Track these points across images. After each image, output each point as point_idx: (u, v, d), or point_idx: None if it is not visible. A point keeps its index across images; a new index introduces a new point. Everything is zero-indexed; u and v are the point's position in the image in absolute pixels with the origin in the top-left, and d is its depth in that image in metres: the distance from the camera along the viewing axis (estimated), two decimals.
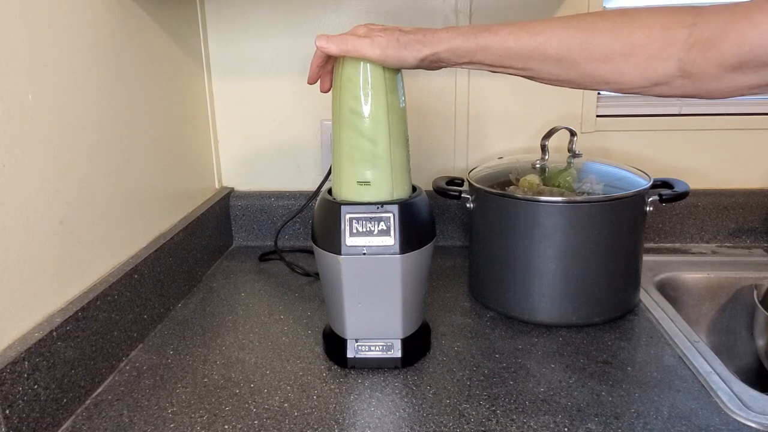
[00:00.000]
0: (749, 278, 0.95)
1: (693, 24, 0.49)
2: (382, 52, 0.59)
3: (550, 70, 0.56)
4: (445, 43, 0.58)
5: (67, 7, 0.65)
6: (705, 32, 0.48)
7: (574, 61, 0.54)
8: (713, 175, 1.08)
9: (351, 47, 0.60)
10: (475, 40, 0.57)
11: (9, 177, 0.56)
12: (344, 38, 0.60)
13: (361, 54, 0.60)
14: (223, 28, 1.05)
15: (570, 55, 0.54)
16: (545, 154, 0.86)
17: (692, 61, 0.49)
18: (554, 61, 0.55)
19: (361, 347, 0.69)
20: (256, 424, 0.60)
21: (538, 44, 0.55)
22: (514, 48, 0.56)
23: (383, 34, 0.59)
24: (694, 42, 0.49)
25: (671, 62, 0.50)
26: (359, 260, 0.64)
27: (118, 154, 0.75)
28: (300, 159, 1.11)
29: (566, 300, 0.78)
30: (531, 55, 0.56)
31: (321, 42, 0.61)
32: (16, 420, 0.54)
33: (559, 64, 0.55)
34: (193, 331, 0.80)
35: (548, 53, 0.55)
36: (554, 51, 0.54)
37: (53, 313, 0.62)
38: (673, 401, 0.63)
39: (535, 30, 0.55)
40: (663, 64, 0.51)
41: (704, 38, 0.48)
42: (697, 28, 0.49)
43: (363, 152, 0.64)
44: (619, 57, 0.52)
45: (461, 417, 0.61)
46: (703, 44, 0.48)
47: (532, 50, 0.55)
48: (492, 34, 0.57)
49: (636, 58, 0.51)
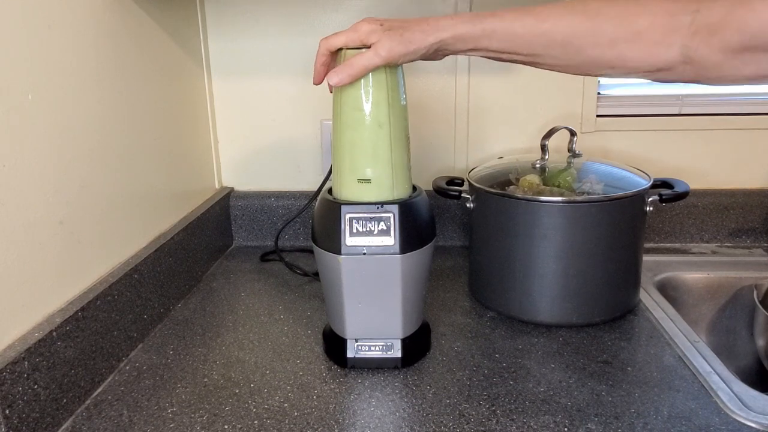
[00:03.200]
0: (749, 278, 0.95)
1: (696, 11, 0.50)
2: (387, 54, 0.58)
3: (555, 55, 0.56)
4: (450, 30, 0.58)
5: (67, 7, 0.65)
6: (707, 19, 0.49)
7: (580, 47, 0.54)
8: (713, 175, 1.08)
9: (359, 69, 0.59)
10: (480, 25, 0.57)
11: (9, 177, 0.56)
12: (350, 64, 0.59)
13: (370, 69, 0.60)
14: (223, 28, 1.05)
15: (576, 41, 0.54)
16: (545, 154, 0.86)
17: (695, 47, 0.50)
18: (560, 46, 0.55)
19: (361, 347, 0.69)
20: (256, 424, 0.60)
21: (544, 29, 0.55)
22: (520, 33, 0.56)
23: (385, 36, 0.59)
24: (697, 29, 0.49)
25: (675, 48, 0.51)
26: (359, 260, 0.64)
27: (118, 154, 0.75)
28: (300, 159, 1.11)
29: (566, 300, 0.78)
30: (537, 40, 0.56)
31: (334, 80, 0.60)
32: (16, 420, 0.54)
33: (564, 49, 0.55)
34: (193, 331, 0.80)
35: (555, 38, 0.55)
36: (561, 36, 0.55)
37: (53, 313, 0.62)
38: (673, 401, 0.63)
39: (542, 15, 0.55)
40: (667, 51, 0.51)
41: (707, 25, 0.49)
42: (700, 15, 0.49)
43: (363, 150, 0.64)
44: (623, 43, 0.52)
45: (461, 417, 0.61)
46: (705, 31, 0.49)
47: (539, 35, 0.55)
48: (497, 18, 0.56)
49: (640, 45, 0.52)
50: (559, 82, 1.04)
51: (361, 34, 0.60)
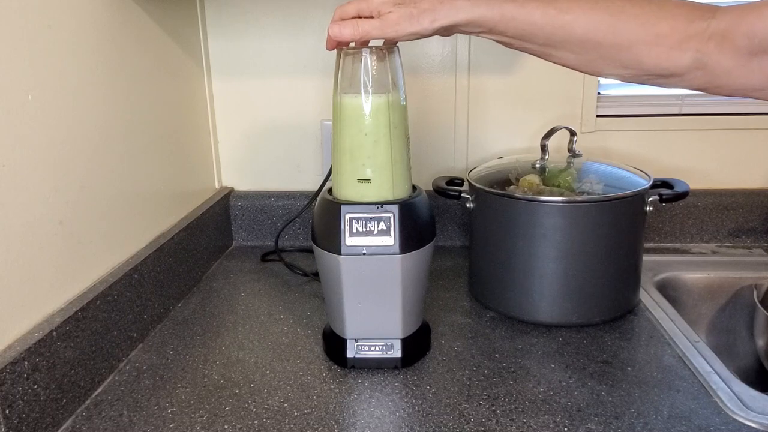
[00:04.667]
0: (749, 278, 0.95)
1: (712, 18, 0.50)
2: (393, 31, 0.56)
3: (570, 49, 0.55)
4: (466, 12, 0.55)
5: (67, 7, 0.65)
6: (720, 25, 0.50)
7: (598, 44, 0.54)
8: (713, 175, 1.08)
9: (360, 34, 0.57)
10: (500, 9, 0.55)
11: (9, 177, 0.56)
12: (355, 23, 0.58)
13: (371, 38, 0.58)
14: (223, 28, 1.05)
15: (595, 37, 0.54)
16: (545, 154, 0.86)
17: (709, 52, 0.50)
18: (578, 40, 0.54)
19: (361, 347, 0.69)
20: (256, 424, 0.60)
21: (565, 22, 0.54)
22: (540, 23, 0.54)
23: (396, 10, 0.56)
24: (711, 34, 0.50)
25: (689, 53, 0.51)
26: (359, 260, 0.64)
27: (118, 154, 0.75)
28: (300, 159, 1.11)
29: (566, 300, 0.78)
30: (556, 32, 0.54)
31: (333, 31, 0.58)
32: (15, 420, 0.54)
33: (582, 45, 0.54)
34: (193, 331, 0.80)
35: (574, 32, 0.54)
36: (581, 31, 0.54)
37: (53, 313, 0.62)
38: (673, 401, 0.63)
39: (564, 7, 0.54)
40: (681, 56, 0.52)
41: (720, 30, 0.50)
42: (714, 21, 0.50)
43: (363, 149, 0.64)
44: (642, 45, 0.52)
45: (461, 417, 0.61)
46: (719, 36, 0.50)
47: (559, 27, 0.54)
48: (518, 5, 0.55)
49: (658, 48, 0.52)
50: (559, 82, 1.04)
51: (372, 4, 0.57)
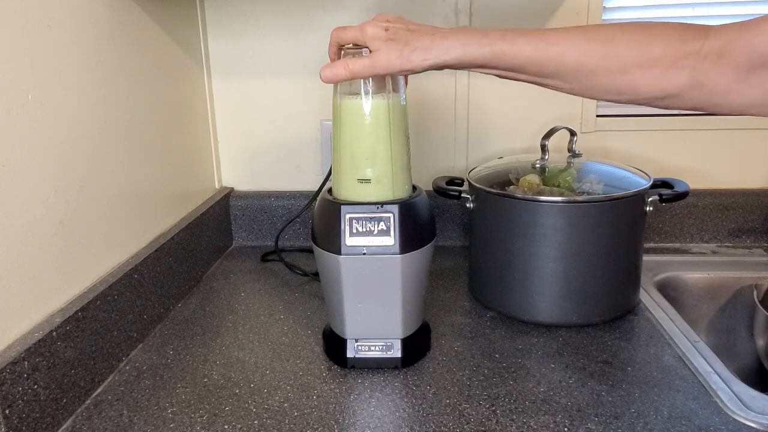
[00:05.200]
0: (749, 278, 0.95)
1: (706, 37, 0.51)
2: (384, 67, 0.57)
3: (563, 79, 0.56)
4: (457, 51, 0.56)
5: (67, 7, 0.65)
6: (716, 43, 0.50)
7: (591, 72, 0.54)
8: (713, 175, 1.08)
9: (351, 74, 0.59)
10: (490, 47, 0.55)
11: (9, 177, 0.56)
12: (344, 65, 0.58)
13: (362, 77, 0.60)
14: (223, 28, 1.05)
15: (588, 66, 0.54)
16: (545, 154, 0.86)
17: (705, 70, 0.51)
18: (571, 70, 0.55)
19: (361, 347, 0.69)
20: (256, 424, 0.60)
21: (556, 53, 0.54)
22: (531, 57, 0.55)
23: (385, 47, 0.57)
24: (707, 53, 0.50)
25: (685, 73, 0.51)
26: (359, 260, 0.64)
27: (118, 154, 0.75)
28: (300, 159, 1.11)
29: (566, 300, 0.78)
30: (548, 64, 0.55)
31: (326, 75, 0.59)
32: (15, 420, 0.54)
33: (575, 75, 0.55)
34: (193, 331, 0.80)
35: (566, 63, 0.54)
36: (573, 61, 0.54)
37: (53, 313, 0.62)
38: (673, 401, 0.63)
39: (553, 39, 0.54)
40: (677, 75, 0.52)
41: (716, 48, 0.50)
42: (709, 41, 0.50)
43: (363, 150, 0.64)
44: (636, 69, 0.53)
45: (461, 417, 0.61)
46: (715, 54, 0.50)
47: (550, 59, 0.55)
48: (508, 42, 0.55)
49: (652, 71, 0.52)
50: None
51: (365, 37, 0.58)
